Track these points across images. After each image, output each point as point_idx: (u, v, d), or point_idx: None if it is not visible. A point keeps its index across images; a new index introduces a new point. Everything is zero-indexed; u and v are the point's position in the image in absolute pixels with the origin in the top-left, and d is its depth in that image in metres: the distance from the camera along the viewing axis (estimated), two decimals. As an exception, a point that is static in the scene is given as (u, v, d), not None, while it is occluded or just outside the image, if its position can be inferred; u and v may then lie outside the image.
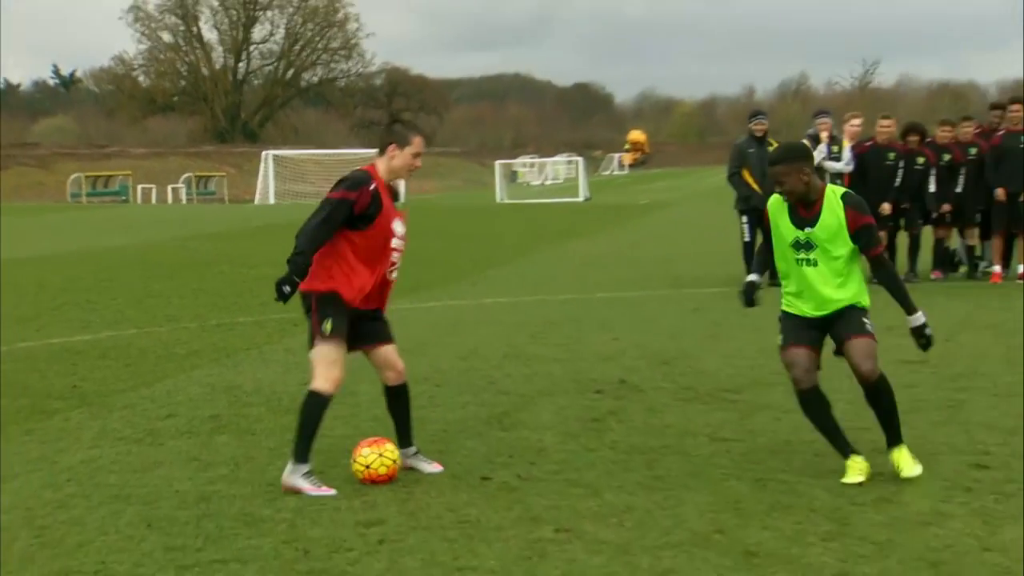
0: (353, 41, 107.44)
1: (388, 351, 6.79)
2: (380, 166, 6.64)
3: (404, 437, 6.89)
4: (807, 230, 6.41)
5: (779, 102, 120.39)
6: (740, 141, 16.40)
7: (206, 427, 8.05)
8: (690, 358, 10.40)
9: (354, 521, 5.90)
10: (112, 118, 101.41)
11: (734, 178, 16.06)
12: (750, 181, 15.79)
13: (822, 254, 6.40)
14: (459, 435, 7.68)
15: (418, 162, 6.71)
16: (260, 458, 7.17)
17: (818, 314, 6.50)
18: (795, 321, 6.60)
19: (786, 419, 7.80)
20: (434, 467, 6.85)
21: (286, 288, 6.28)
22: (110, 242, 27.52)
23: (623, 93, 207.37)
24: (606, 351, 10.85)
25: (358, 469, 6.53)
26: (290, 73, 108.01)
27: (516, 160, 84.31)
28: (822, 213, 6.37)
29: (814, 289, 6.45)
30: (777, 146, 6.79)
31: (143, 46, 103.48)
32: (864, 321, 6.48)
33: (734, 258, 16.79)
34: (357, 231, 6.46)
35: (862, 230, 6.37)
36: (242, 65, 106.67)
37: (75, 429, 8.06)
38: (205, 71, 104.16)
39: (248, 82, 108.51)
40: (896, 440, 6.52)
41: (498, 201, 52.81)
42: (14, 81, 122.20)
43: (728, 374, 9.55)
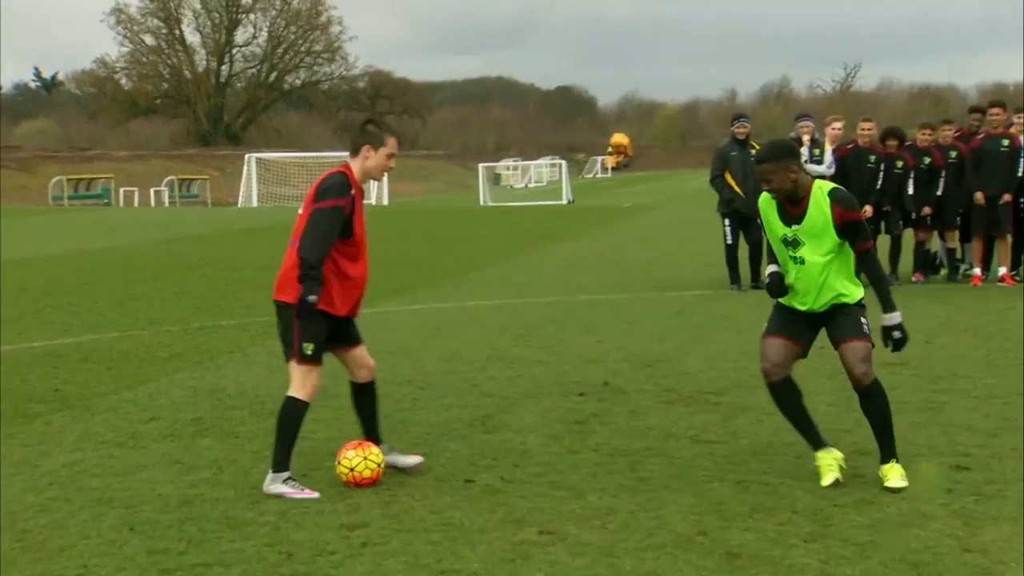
0: (336, 44, 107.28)
1: (362, 351, 6.79)
2: (354, 167, 6.51)
3: (375, 434, 6.86)
4: (794, 227, 6.40)
5: (761, 105, 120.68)
6: (723, 144, 16.44)
7: (189, 430, 8.03)
8: (673, 360, 10.43)
9: (338, 524, 5.90)
10: (94, 121, 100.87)
11: (717, 181, 16.10)
12: (733, 184, 15.84)
13: (810, 251, 6.36)
14: (442, 438, 7.68)
15: (392, 163, 6.57)
16: (243, 461, 7.16)
17: (813, 309, 6.46)
18: (784, 313, 6.59)
19: (768, 421, 7.83)
20: (412, 459, 6.83)
21: (311, 299, 6.24)
22: (92, 245, 27.40)
23: (606, 96, 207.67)
24: (589, 354, 10.86)
25: (342, 472, 6.52)
26: (273, 76, 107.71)
27: (499, 163, 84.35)
28: (808, 210, 6.35)
29: (806, 285, 6.43)
30: (764, 144, 6.74)
31: (125, 49, 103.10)
32: (862, 322, 6.43)
33: (717, 261, 16.84)
34: (342, 238, 6.40)
35: (849, 225, 6.32)
36: (225, 68, 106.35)
37: (57, 432, 8.03)
38: (188, 74, 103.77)
39: (231, 85, 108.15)
40: (889, 455, 6.43)
41: (481, 204, 52.81)
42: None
43: (711, 376, 9.58)
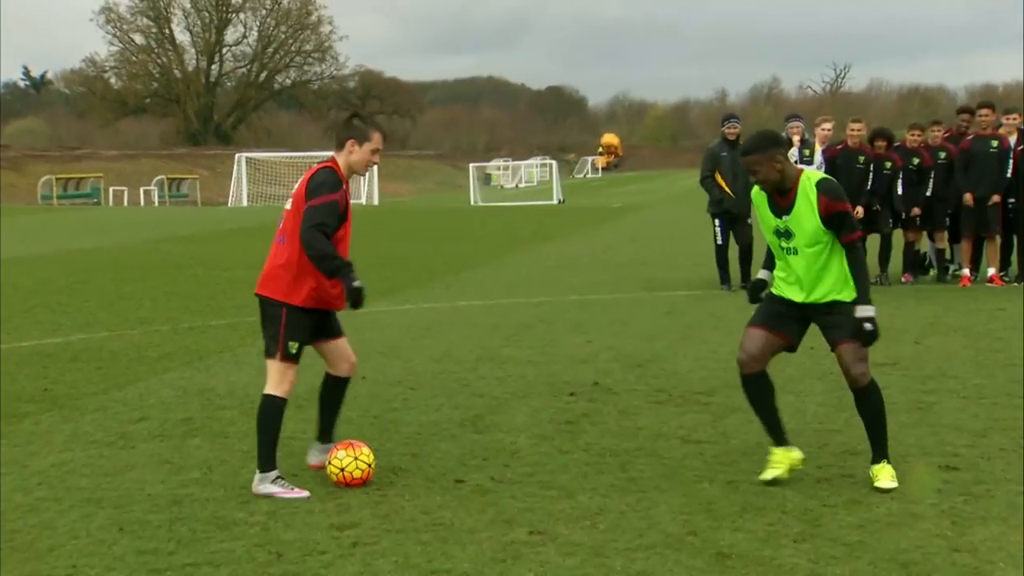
0: (326, 44, 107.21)
1: (343, 343, 6.76)
2: (339, 161, 6.47)
3: (330, 431, 6.83)
4: (784, 218, 6.39)
5: (751, 106, 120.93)
6: (713, 145, 16.45)
7: (178, 430, 8.01)
8: (663, 360, 10.44)
9: (328, 524, 5.89)
10: (83, 120, 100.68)
11: (707, 181, 16.11)
12: (723, 184, 15.85)
13: (802, 241, 6.35)
14: (433, 437, 7.67)
15: (376, 158, 6.51)
16: (233, 461, 7.14)
17: (808, 300, 6.42)
18: (774, 304, 6.57)
19: (758, 421, 7.82)
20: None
21: (356, 284, 6.18)
22: (81, 244, 27.34)
23: (597, 96, 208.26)
24: (580, 354, 10.86)
25: (333, 472, 6.51)
26: (263, 75, 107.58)
27: (490, 163, 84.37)
28: (796, 200, 6.33)
29: (800, 275, 6.41)
30: (750, 135, 6.69)
31: (115, 48, 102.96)
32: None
33: (707, 261, 16.86)
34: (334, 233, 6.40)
35: (834, 216, 6.28)
36: (215, 67, 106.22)
37: (46, 432, 8.01)
38: (177, 73, 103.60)
39: (221, 84, 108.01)
40: (880, 456, 6.43)
41: (472, 204, 52.82)
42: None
43: (701, 376, 9.58)
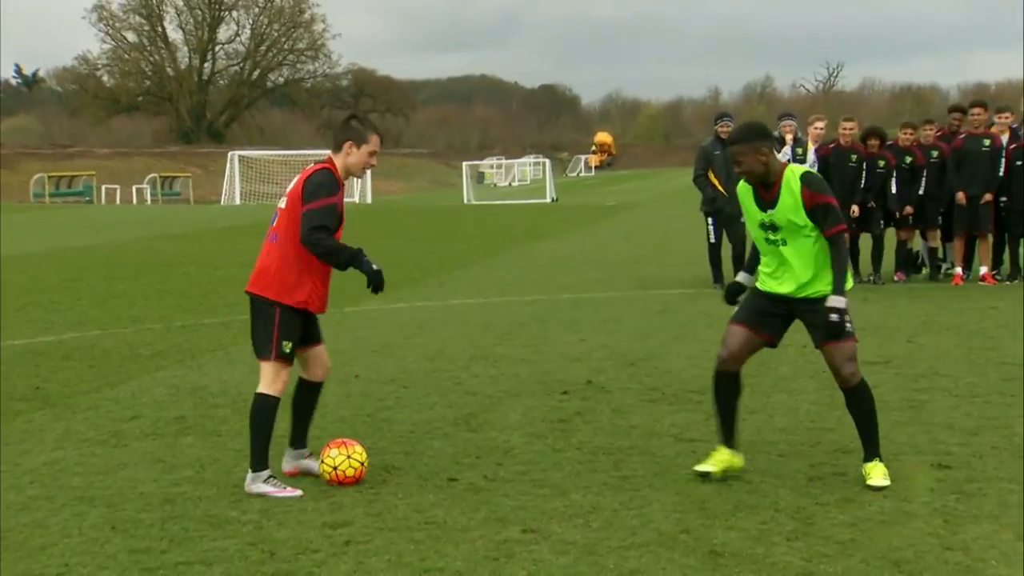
0: (319, 42, 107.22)
1: (323, 349, 6.78)
2: (336, 162, 6.49)
3: (304, 436, 6.81)
4: (769, 212, 6.38)
5: (744, 104, 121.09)
6: (706, 143, 16.47)
7: (171, 429, 8.00)
8: (656, 359, 10.44)
9: (320, 522, 5.88)
10: (76, 118, 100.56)
11: (700, 180, 16.12)
12: (716, 183, 15.86)
13: (789, 234, 6.34)
14: (426, 436, 7.67)
15: (374, 161, 6.54)
16: (226, 460, 7.13)
17: (793, 293, 6.41)
18: (758, 300, 6.56)
19: (751, 420, 7.84)
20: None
21: (375, 268, 6.31)
22: (74, 242, 27.30)
23: (590, 95, 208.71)
24: (573, 352, 10.86)
25: (325, 470, 6.51)
26: (256, 74, 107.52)
27: (483, 161, 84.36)
28: (781, 194, 6.32)
29: (790, 266, 6.39)
30: (736, 128, 6.65)
31: (107, 46, 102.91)
32: (845, 320, 6.39)
33: (700, 259, 16.87)
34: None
35: (818, 209, 6.25)
36: (207, 65, 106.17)
37: (38, 431, 8.00)
38: (170, 71, 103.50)
39: (214, 82, 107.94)
40: (872, 454, 6.44)
41: (465, 202, 52.84)
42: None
43: (694, 375, 9.58)
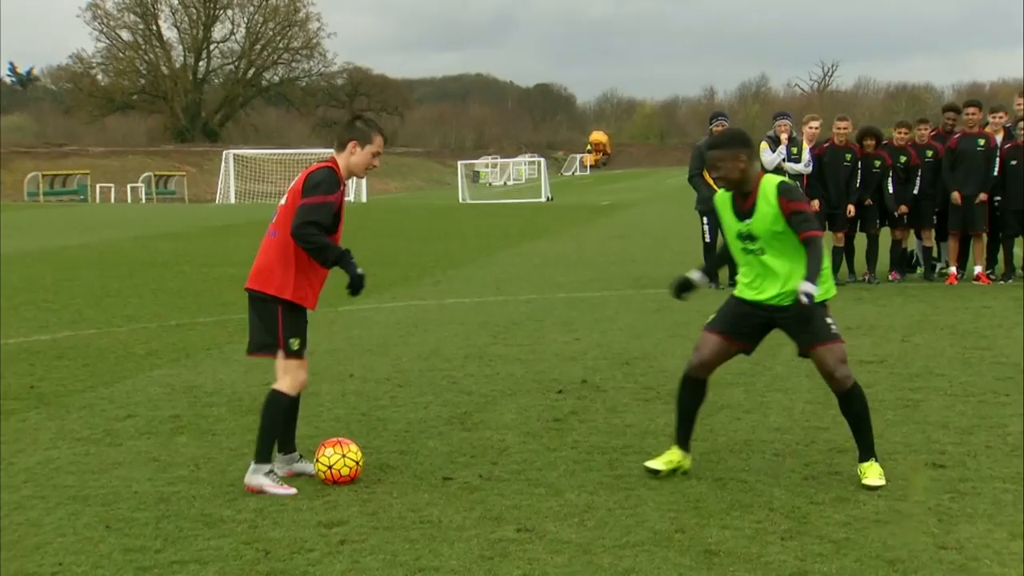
0: (314, 41, 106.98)
1: (305, 352, 6.75)
2: (340, 162, 6.55)
3: (292, 441, 6.80)
4: (746, 222, 6.37)
5: (739, 104, 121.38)
6: (701, 143, 16.46)
7: (166, 427, 8.00)
8: (651, 358, 10.45)
9: (315, 521, 5.89)
10: (70, 116, 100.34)
11: (695, 179, 16.14)
12: (711, 182, 15.86)
13: (767, 243, 6.33)
14: (421, 435, 7.68)
15: (376, 162, 6.61)
16: (220, 459, 7.14)
17: (776, 302, 6.39)
18: (736, 308, 6.56)
19: (746, 419, 7.86)
20: (309, 466, 6.69)
21: (360, 272, 6.36)
22: (68, 241, 27.27)
23: (585, 94, 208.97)
24: (568, 351, 10.87)
25: (321, 469, 6.51)
26: (251, 72, 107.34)
27: (478, 160, 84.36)
28: (757, 204, 6.31)
29: (771, 274, 6.38)
30: (717, 133, 6.63)
31: (102, 44, 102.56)
32: (828, 323, 6.38)
33: (695, 258, 16.87)
34: (326, 233, 6.40)
35: (793, 215, 6.24)
36: (202, 64, 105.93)
37: (32, 430, 7.99)
38: (165, 70, 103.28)
39: (209, 81, 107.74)
40: (867, 454, 6.44)
41: (460, 201, 52.82)
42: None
43: None
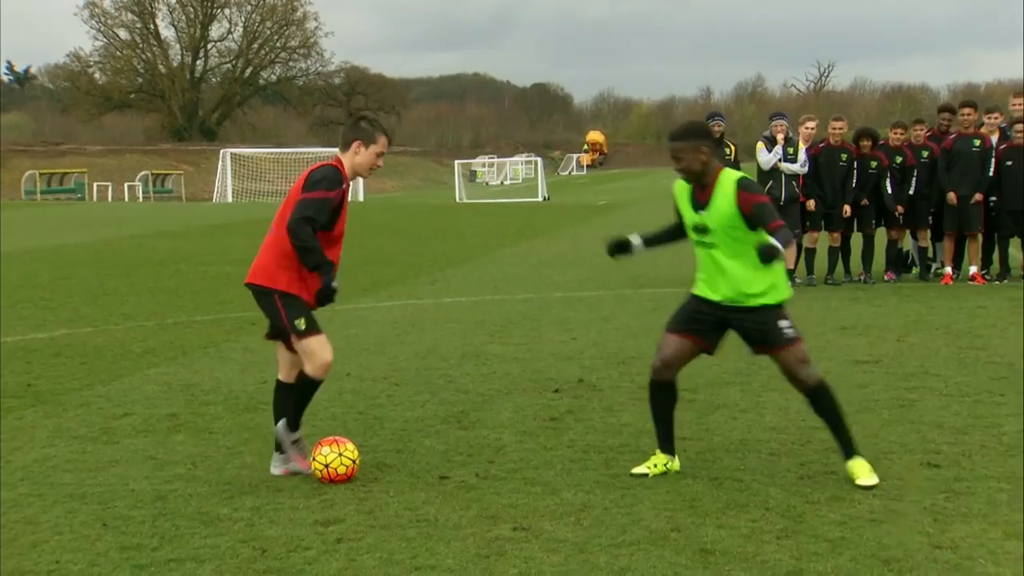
0: (312, 40, 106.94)
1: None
2: (344, 161, 6.62)
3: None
4: (701, 214, 6.38)
5: (736, 104, 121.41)
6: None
7: (163, 426, 8.01)
8: (647, 357, 10.38)
9: (312, 520, 5.90)
10: (67, 115, 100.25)
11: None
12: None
13: (720, 237, 6.32)
14: (417, 434, 7.69)
15: (380, 162, 6.70)
16: (217, 457, 7.15)
17: (725, 300, 6.39)
18: (693, 307, 6.56)
19: (742, 418, 7.89)
20: (304, 464, 6.69)
21: (334, 285, 6.41)
22: (66, 240, 27.28)
23: (582, 94, 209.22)
24: (564, 350, 10.90)
25: (317, 468, 6.52)
26: (248, 71, 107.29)
27: (475, 160, 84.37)
28: (714, 197, 6.31)
29: (722, 271, 6.38)
30: (679, 124, 6.61)
31: (99, 43, 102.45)
32: (781, 327, 6.33)
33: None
34: (324, 230, 6.45)
35: (755, 209, 6.21)
36: (200, 63, 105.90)
37: (29, 428, 8.01)
38: (162, 68, 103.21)
39: (206, 80, 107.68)
40: (850, 452, 6.42)
41: (457, 200, 52.84)
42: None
43: (685, 374, 9.46)
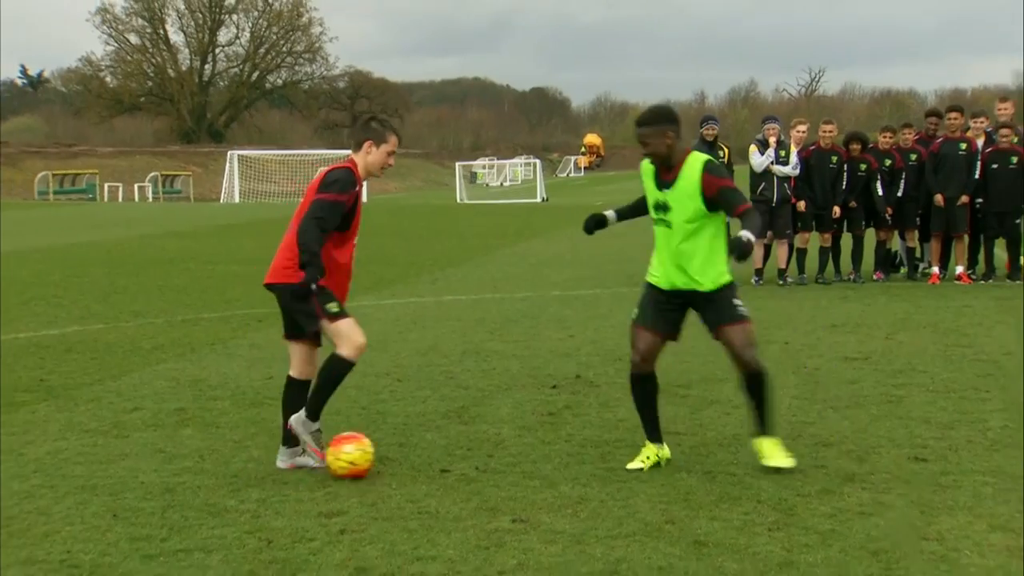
0: (317, 45, 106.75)
1: (316, 350, 6.88)
2: (357, 161, 6.73)
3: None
4: (665, 191, 6.51)
5: (729, 108, 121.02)
6: (692, 145, 16.46)
7: (171, 420, 8.09)
8: (645, 356, 10.53)
9: (316, 512, 5.97)
10: (79, 118, 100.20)
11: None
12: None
13: (677, 216, 6.46)
14: (419, 428, 7.77)
15: (392, 160, 6.79)
16: (224, 450, 7.23)
17: (678, 286, 6.53)
18: (653, 298, 6.68)
19: (735, 414, 7.94)
20: (320, 456, 6.75)
21: (312, 287, 6.40)
22: (77, 239, 27.29)
23: (579, 98, 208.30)
24: (562, 347, 10.97)
25: (341, 466, 6.50)
26: (255, 75, 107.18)
27: (476, 162, 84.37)
28: (680, 176, 6.44)
29: (669, 249, 6.51)
30: (645, 110, 6.67)
31: (110, 47, 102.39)
32: (735, 304, 6.51)
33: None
34: (338, 230, 6.57)
35: (720, 193, 6.36)
36: (208, 67, 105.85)
37: (42, 421, 8.07)
38: (172, 72, 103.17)
39: (214, 84, 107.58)
40: (764, 429, 6.58)
41: (458, 201, 52.78)
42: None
43: (680, 370, 9.62)
